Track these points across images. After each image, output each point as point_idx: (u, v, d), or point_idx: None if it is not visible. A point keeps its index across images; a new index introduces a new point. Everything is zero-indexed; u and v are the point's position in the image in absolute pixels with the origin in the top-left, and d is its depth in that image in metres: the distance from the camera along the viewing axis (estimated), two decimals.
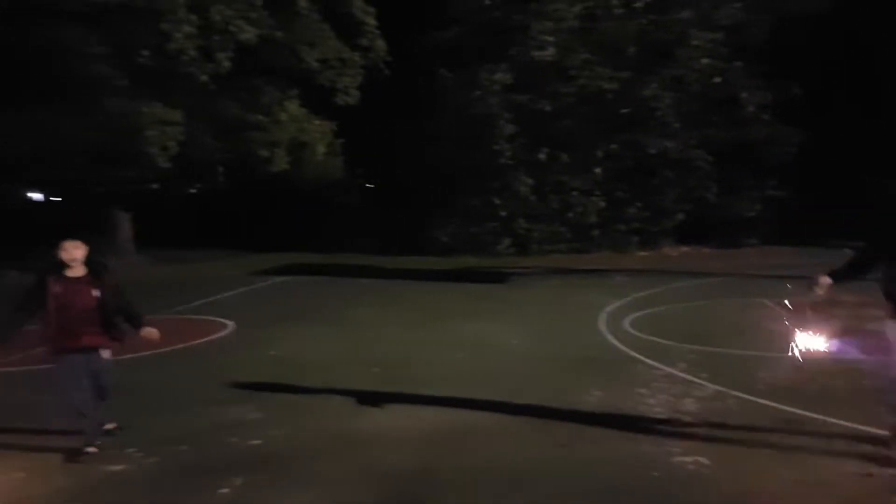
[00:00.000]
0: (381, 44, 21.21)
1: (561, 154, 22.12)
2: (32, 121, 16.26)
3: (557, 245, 22.06)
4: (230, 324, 10.60)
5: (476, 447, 5.13)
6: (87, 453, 5.11)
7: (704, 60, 21.60)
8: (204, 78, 17.74)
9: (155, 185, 21.06)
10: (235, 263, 19.20)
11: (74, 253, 5.20)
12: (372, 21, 20.82)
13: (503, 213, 22.13)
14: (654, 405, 5.91)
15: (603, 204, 22.21)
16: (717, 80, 21.64)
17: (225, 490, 4.53)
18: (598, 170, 22.35)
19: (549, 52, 21.48)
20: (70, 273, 5.20)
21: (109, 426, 5.53)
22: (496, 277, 15.64)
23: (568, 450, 4.97)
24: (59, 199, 26.40)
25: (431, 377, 7.18)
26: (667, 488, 4.26)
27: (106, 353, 5.31)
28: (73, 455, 5.10)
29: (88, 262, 5.29)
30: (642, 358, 7.63)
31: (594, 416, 5.70)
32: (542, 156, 21.99)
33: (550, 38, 21.50)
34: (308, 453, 5.15)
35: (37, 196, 27.90)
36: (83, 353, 5.15)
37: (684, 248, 21.56)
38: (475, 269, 17.71)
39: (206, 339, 9.72)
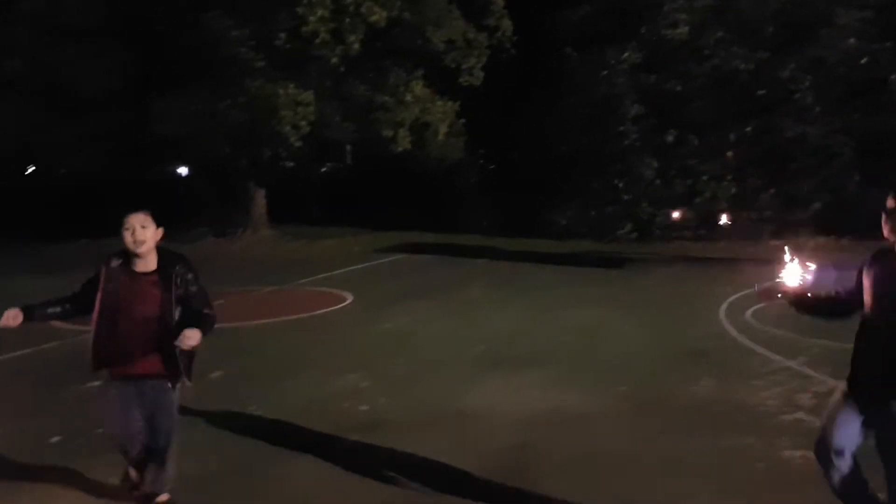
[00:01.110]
0: (507, 23, 21.15)
1: (690, 137, 21.28)
2: (184, 101, 17.51)
3: (682, 231, 21.31)
4: (349, 297, 11.06)
5: (577, 430, 5.16)
6: None
7: (851, 41, 20.06)
8: (335, 60, 18.40)
9: (289, 164, 22.12)
10: (358, 240, 19.91)
11: (141, 233, 3.54)
12: (500, 0, 20.81)
13: (626, 197, 21.61)
14: (767, 398, 5.70)
15: (734, 190, 21.23)
16: (864, 61, 20.06)
17: (335, 451, 4.81)
18: (729, 154, 21.32)
19: (682, 31, 20.66)
20: (136, 266, 3.61)
21: (162, 499, 3.74)
22: (615, 262, 15.37)
23: (669, 437, 4.91)
24: (203, 175, 28.25)
25: (539, 359, 7.23)
26: (769, 481, 4.14)
27: (173, 385, 3.68)
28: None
29: (162, 253, 3.69)
30: (761, 350, 7.34)
31: (702, 406, 5.58)
32: (669, 138, 21.26)
33: (684, 16, 20.66)
34: (414, 423, 5.37)
35: (183, 171, 29.98)
36: (135, 382, 3.61)
37: (820, 239, 20.27)
38: (593, 253, 17.46)
39: (326, 310, 10.21)
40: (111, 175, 20.90)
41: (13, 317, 3.53)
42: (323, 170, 27.64)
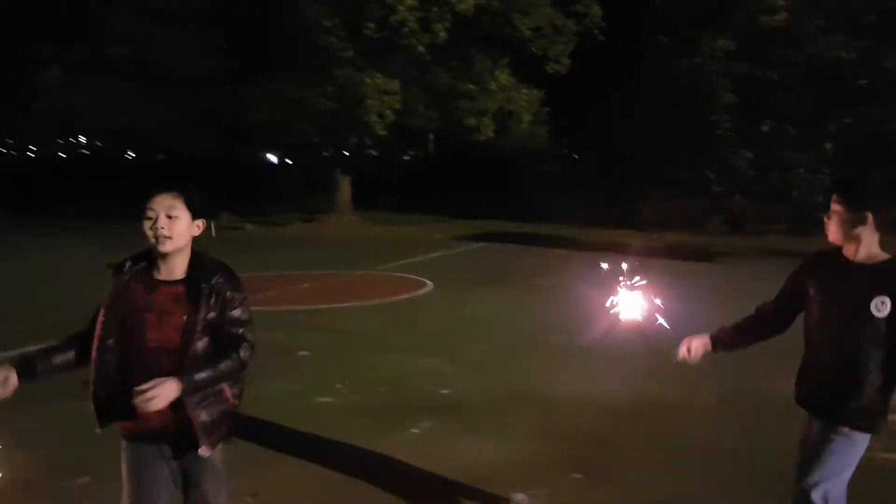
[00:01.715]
0: (596, 9, 20.78)
1: (786, 127, 20.46)
2: (276, 88, 18.06)
3: (775, 225, 20.54)
4: (430, 283, 11.19)
5: (655, 420, 5.11)
6: None
7: None
8: (421, 48, 18.56)
9: (373, 152, 22.50)
10: (439, 228, 20.07)
11: (167, 224, 2.43)
12: None
13: (717, 189, 20.99)
14: None
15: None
16: None
17: (416, 430, 4.94)
18: (828, 146, 20.39)
19: (780, 18, 19.82)
20: (158, 272, 2.51)
21: None
22: (703, 255, 14.97)
23: (752, 432, 4.80)
24: (291, 161, 29.10)
25: (618, 350, 7.14)
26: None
27: (205, 450, 2.49)
28: None
29: (197, 258, 2.57)
30: None
31: (789, 403, 5.40)
32: (764, 128, 20.50)
33: (782, 2, 19.81)
34: (492, 407, 5.43)
35: (272, 157, 30.94)
36: (157, 444, 2.52)
37: None
38: (681, 245, 17.04)
39: (407, 295, 10.38)
40: (206, 157, 21.78)
41: (2, 381, 2.37)
42: (405, 157, 27.99)
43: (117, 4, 18.20)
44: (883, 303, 2.60)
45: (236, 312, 2.52)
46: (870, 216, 2.67)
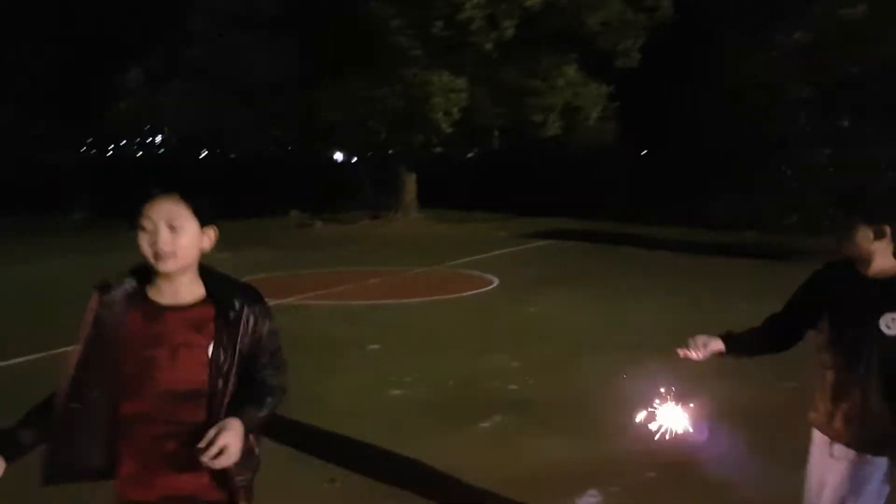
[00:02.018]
0: (667, 2, 20.37)
1: (866, 124, 19.61)
2: (346, 89, 18.37)
3: None
4: (495, 280, 11.21)
5: (739, 424, 5.01)
6: None
7: None
8: (488, 45, 18.56)
9: (438, 149, 22.61)
10: (504, 225, 20.05)
11: (168, 238, 1.89)
12: None
13: (793, 186, 20.29)
14: None
15: None
16: None
17: (486, 425, 4.98)
18: None
19: (860, 10, 19.01)
20: (160, 295, 1.96)
21: None
22: (780, 254, 14.52)
23: None
24: (360, 160, 29.53)
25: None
26: None
27: None
28: None
29: (210, 276, 2.02)
30: None
31: None
32: (844, 124, 19.71)
33: None
34: (561, 405, 5.43)
35: (341, 156, 31.45)
36: None
37: None
38: (756, 244, 16.58)
39: (473, 292, 10.43)
40: (277, 157, 22.33)
41: None
42: (470, 155, 28.03)
43: (194, 10, 18.83)
44: (893, 319, 2.43)
45: (270, 342, 2.04)
46: (888, 230, 2.47)
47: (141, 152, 36.81)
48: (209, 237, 1.97)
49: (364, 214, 21.53)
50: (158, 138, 34.80)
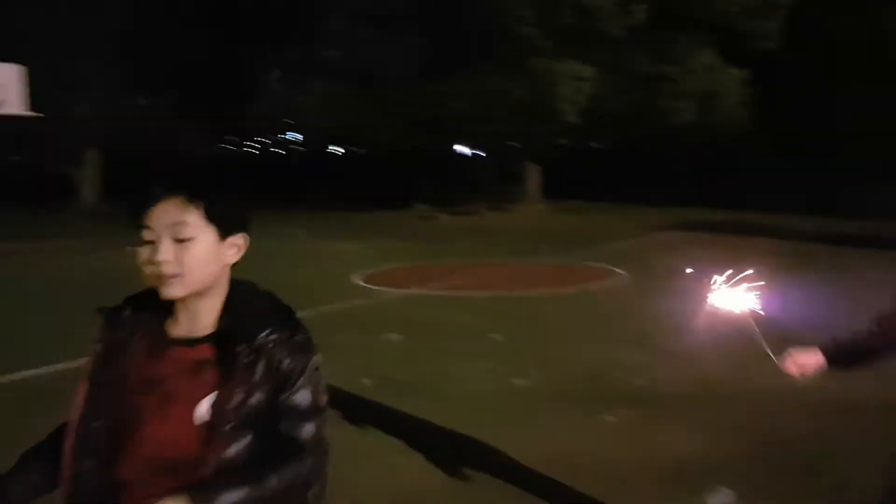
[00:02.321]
0: None
1: None
2: (473, 82, 18.53)
3: None
4: (622, 272, 10.95)
5: (878, 425, 4.66)
6: None
7: None
8: (618, 32, 18.11)
9: (563, 140, 22.34)
10: (632, 215, 19.53)
11: (168, 253, 1.40)
12: None
13: None
14: None
15: None
16: None
17: (612, 418, 4.89)
18: None
19: None
20: (176, 324, 1.49)
21: None
22: None
23: None
24: (483, 151, 29.69)
25: None
26: None
27: None
28: None
29: (236, 297, 1.50)
30: None
31: None
32: None
33: None
34: (692, 399, 5.25)
35: (465, 149, 31.72)
36: None
37: None
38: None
39: (599, 284, 10.24)
40: (404, 150, 22.85)
41: None
42: (595, 145, 27.49)
43: (329, 9, 19.59)
44: None
45: (300, 396, 1.44)
46: None
47: (278, 148, 38.73)
48: (237, 247, 1.46)
49: (488, 206, 21.63)
50: (294, 135, 36.47)
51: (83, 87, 21.43)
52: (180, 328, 1.48)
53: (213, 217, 1.42)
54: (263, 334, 1.42)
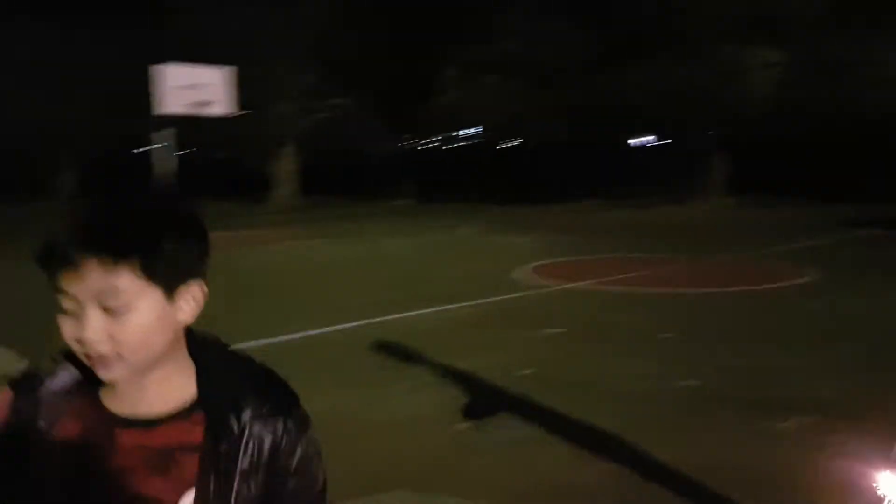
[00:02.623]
0: None
1: None
2: (648, 71, 17.99)
3: None
4: (810, 272, 10.15)
5: None
6: None
7: None
8: (811, 15, 16.78)
9: (750, 131, 21.05)
10: (824, 210, 17.94)
11: (110, 330, 0.97)
12: None
13: None
14: None
15: None
16: None
17: (785, 425, 4.61)
18: None
19: None
20: (117, 398, 1.05)
21: None
22: None
23: None
24: (662, 142, 28.65)
25: None
26: None
27: None
28: None
29: (204, 363, 1.09)
30: None
31: None
32: None
33: None
34: (873, 409, 4.81)
35: (643, 141, 30.77)
36: None
37: None
38: None
39: (783, 283, 9.57)
40: (576, 143, 22.64)
41: None
42: (784, 135, 25.58)
43: (506, 4, 19.84)
44: None
45: (298, 484, 1.12)
46: None
47: (455, 144, 39.72)
48: (191, 301, 1.05)
49: (668, 199, 20.86)
50: (472, 130, 37.24)
51: (282, 87, 23.29)
52: (124, 404, 1.06)
53: (154, 274, 0.99)
54: (247, 411, 1.07)
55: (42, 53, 20.87)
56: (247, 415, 1.07)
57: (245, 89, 15.61)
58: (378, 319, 7.52)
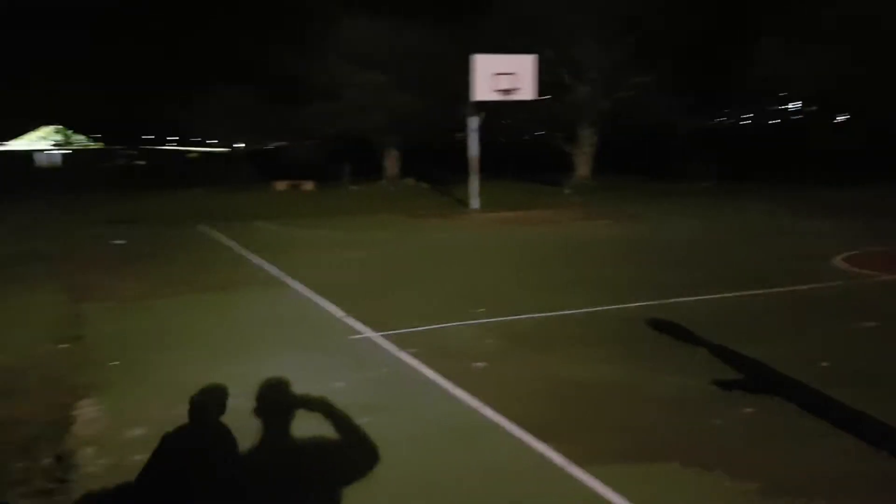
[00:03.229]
0: None
1: None
2: None
3: None
4: None
5: None
6: None
7: None
8: None
9: None
10: None
11: None
12: None
13: None
14: None
15: None
16: None
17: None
18: None
19: None
20: None
21: None
22: None
23: None
24: None
25: None
26: None
27: None
28: None
29: None
30: None
31: None
32: None
33: None
34: None
35: None
36: None
37: None
38: None
39: None
40: None
41: None
42: None
43: None
44: None
45: None
46: None
47: (773, 120, 36.68)
48: None
49: None
50: (791, 105, 34.21)
51: (584, 69, 23.57)
52: None
53: None
54: None
55: (378, 48, 23.46)
56: None
57: (548, 74, 16.25)
58: (676, 300, 7.48)
